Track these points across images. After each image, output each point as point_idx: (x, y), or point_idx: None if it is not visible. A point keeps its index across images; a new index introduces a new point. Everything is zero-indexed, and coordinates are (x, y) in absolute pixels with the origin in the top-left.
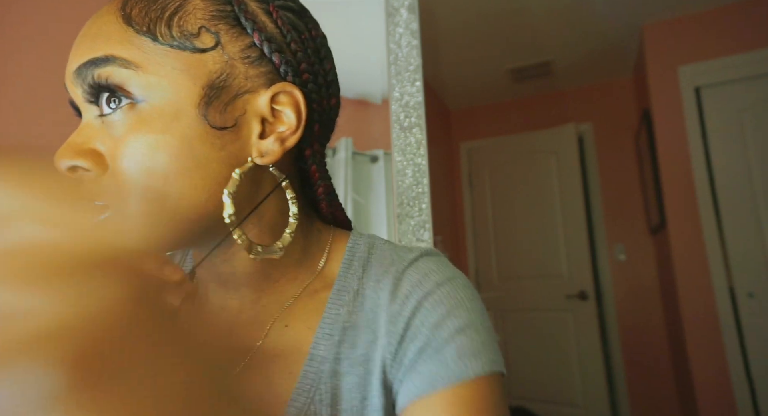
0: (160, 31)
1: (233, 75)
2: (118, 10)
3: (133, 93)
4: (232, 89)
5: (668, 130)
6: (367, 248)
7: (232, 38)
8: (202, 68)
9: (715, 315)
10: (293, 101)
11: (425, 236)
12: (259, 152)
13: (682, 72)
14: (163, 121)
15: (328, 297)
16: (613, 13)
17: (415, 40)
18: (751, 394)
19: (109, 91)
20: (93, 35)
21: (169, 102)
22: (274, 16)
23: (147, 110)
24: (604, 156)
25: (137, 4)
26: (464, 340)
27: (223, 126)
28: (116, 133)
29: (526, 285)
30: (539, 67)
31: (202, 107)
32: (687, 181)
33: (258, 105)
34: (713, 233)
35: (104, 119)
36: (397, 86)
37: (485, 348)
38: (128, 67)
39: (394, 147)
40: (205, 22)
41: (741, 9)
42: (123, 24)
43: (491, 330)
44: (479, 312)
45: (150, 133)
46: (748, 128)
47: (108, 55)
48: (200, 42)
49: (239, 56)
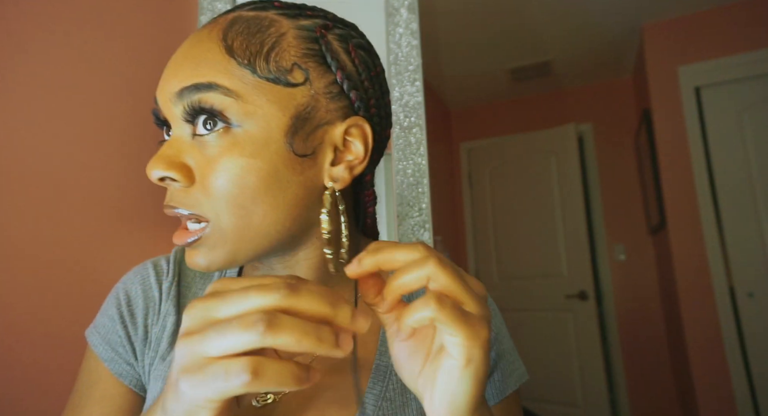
0: (260, 65)
1: (317, 108)
2: (221, 40)
3: (231, 119)
4: (315, 121)
5: (668, 130)
6: None
7: (319, 75)
8: (291, 101)
9: (715, 315)
10: (362, 133)
11: (425, 236)
12: (331, 178)
13: (682, 72)
14: (255, 146)
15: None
16: (613, 13)
17: (415, 40)
18: (751, 394)
19: (208, 115)
20: (197, 61)
21: (261, 130)
22: (352, 55)
23: (241, 135)
24: (604, 156)
25: (238, 36)
26: (507, 358)
27: (304, 153)
28: (209, 152)
29: (526, 285)
30: (539, 67)
31: (289, 136)
32: (687, 181)
33: (334, 136)
34: (713, 233)
35: (198, 138)
36: (397, 86)
37: (518, 361)
38: (229, 95)
39: (394, 147)
40: (297, 59)
41: (741, 9)
42: (226, 54)
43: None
44: (504, 323)
45: (242, 156)
46: (748, 128)
47: (212, 82)
48: (292, 77)
49: (323, 92)
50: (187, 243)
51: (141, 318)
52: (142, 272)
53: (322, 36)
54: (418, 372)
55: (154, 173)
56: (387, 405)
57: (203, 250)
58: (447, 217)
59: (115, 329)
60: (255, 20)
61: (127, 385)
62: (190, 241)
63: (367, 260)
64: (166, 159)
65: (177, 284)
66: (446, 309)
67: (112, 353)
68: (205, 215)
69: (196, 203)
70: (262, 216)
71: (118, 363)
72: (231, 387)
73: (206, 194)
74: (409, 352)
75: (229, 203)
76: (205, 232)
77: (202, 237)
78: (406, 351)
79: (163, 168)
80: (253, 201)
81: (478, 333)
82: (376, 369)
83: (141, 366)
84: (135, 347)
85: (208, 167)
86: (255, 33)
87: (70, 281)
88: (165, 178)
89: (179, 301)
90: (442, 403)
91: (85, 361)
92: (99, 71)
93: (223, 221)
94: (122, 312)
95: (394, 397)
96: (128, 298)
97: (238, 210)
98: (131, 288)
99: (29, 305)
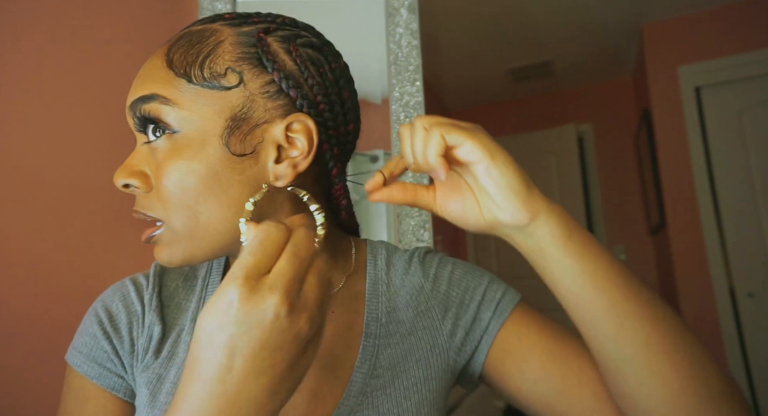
0: (194, 73)
1: (253, 108)
2: (164, 55)
3: (171, 125)
4: (252, 120)
5: (668, 130)
6: (385, 250)
7: (254, 76)
8: (227, 103)
9: (715, 314)
10: (306, 129)
11: (425, 236)
12: (275, 176)
13: (682, 72)
14: (192, 149)
15: (365, 290)
16: (613, 13)
17: (415, 40)
18: (751, 394)
19: (153, 123)
20: (144, 76)
21: (197, 133)
22: (293, 54)
23: (180, 139)
24: (604, 156)
25: (179, 49)
26: (493, 286)
27: (242, 153)
28: (158, 158)
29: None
30: (539, 67)
31: (225, 137)
32: (687, 181)
33: (274, 133)
34: (713, 233)
35: (150, 146)
36: (397, 86)
37: (500, 290)
38: (167, 103)
39: (394, 147)
40: (232, 63)
41: (741, 9)
42: (166, 67)
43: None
44: (465, 268)
45: (181, 159)
46: (748, 128)
47: (152, 93)
48: (226, 81)
49: (259, 92)
50: (147, 239)
51: (125, 331)
52: (122, 289)
53: (259, 39)
54: (476, 207)
55: (117, 182)
56: (374, 383)
57: (161, 246)
58: None
59: (99, 345)
60: (198, 33)
61: (121, 397)
62: (144, 239)
63: (378, 176)
64: (128, 168)
65: (158, 294)
66: (441, 125)
67: (99, 369)
68: (159, 217)
69: (152, 207)
70: (208, 216)
71: (108, 377)
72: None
73: (159, 197)
74: (456, 201)
75: (176, 204)
76: (158, 232)
77: (156, 236)
78: (456, 205)
79: (124, 176)
80: (196, 201)
81: (476, 134)
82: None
83: (132, 377)
84: (123, 360)
85: (157, 171)
86: (195, 44)
87: (66, 281)
88: (128, 185)
89: (162, 311)
90: (509, 199)
91: (67, 386)
92: (99, 72)
93: (174, 221)
94: (105, 328)
95: (382, 374)
96: (109, 314)
97: (185, 210)
98: (111, 305)
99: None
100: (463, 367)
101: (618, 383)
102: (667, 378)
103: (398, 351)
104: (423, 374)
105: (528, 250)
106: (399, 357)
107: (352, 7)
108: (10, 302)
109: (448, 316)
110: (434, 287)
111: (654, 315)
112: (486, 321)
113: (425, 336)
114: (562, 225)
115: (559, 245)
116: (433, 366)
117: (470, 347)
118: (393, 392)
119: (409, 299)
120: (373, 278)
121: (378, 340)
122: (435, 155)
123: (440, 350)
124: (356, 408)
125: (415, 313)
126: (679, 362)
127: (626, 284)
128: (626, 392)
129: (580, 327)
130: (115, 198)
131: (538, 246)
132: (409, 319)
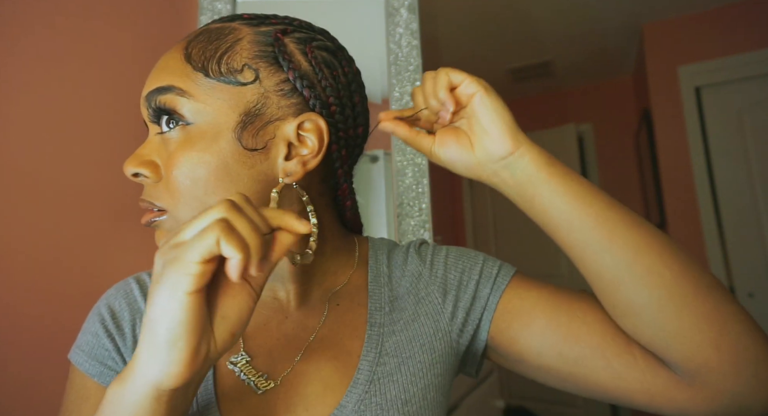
0: (212, 67)
1: (267, 105)
2: (183, 50)
3: (186, 116)
4: (265, 117)
5: (668, 130)
6: (385, 245)
7: (270, 74)
8: (241, 98)
9: None
10: (317, 129)
11: (425, 236)
12: (285, 172)
13: (682, 72)
14: (205, 141)
15: (368, 282)
16: (613, 13)
17: (415, 40)
18: None
19: (168, 114)
20: (161, 68)
21: (211, 126)
22: (309, 55)
23: (194, 131)
24: (604, 156)
25: (198, 44)
26: (489, 264)
27: (254, 148)
28: (170, 148)
29: None
30: (539, 67)
31: (238, 131)
32: (687, 181)
33: (286, 131)
34: (713, 233)
35: (162, 136)
36: (397, 86)
37: (495, 267)
38: (183, 95)
39: (394, 147)
40: (249, 60)
41: (741, 9)
42: (184, 61)
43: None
44: (476, 251)
45: (193, 150)
46: (748, 128)
47: (169, 85)
48: (242, 77)
49: (274, 89)
50: (147, 223)
51: (128, 329)
52: (125, 287)
53: (277, 39)
54: (469, 147)
55: (127, 170)
56: (381, 370)
57: (162, 231)
58: (447, 217)
59: (101, 343)
60: (217, 30)
61: None
62: (144, 222)
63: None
64: (138, 157)
65: None
66: (446, 68)
67: (101, 367)
68: (165, 207)
69: (160, 196)
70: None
71: (109, 375)
72: (207, 245)
73: (167, 187)
74: (451, 144)
75: (184, 195)
76: (161, 218)
77: (159, 221)
78: (450, 148)
79: (134, 165)
80: (205, 192)
81: (475, 76)
82: (369, 339)
83: None
84: (125, 358)
85: (168, 161)
86: (213, 40)
87: (66, 282)
88: (137, 174)
89: None
90: (497, 125)
91: (70, 383)
92: (99, 71)
93: (180, 212)
94: (107, 327)
95: (388, 361)
96: (112, 312)
97: (192, 201)
98: (114, 303)
99: (26, 306)
100: (466, 348)
101: (618, 295)
102: (662, 275)
103: (403, 338)
104: (428, 358)
105: (516, 184)
106: (404, 344)
107: (352, 7)
108: (11, 303)
109: (448, 299)
110: (432, 272)
111: (639, 222)
112: (485, 298)
113: (428, 321)
114: (543, 154)
115: (543, 169)
116: (437, 349)
117: (471, 326)
118: (400, 378)
119: (410, 286)
120: (375, 271)
121: (382, 328)
122: (443, 89)
123: (443, 333)
124: (364, 396)
125: (416, 300)
126: (669, 260)
127: (608, 199)
128: (627, 301)
129: (575, 250)
130: (115, 198)
131: (525, 175)
132: (411, 306)
